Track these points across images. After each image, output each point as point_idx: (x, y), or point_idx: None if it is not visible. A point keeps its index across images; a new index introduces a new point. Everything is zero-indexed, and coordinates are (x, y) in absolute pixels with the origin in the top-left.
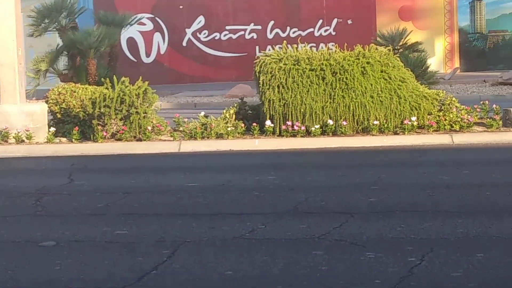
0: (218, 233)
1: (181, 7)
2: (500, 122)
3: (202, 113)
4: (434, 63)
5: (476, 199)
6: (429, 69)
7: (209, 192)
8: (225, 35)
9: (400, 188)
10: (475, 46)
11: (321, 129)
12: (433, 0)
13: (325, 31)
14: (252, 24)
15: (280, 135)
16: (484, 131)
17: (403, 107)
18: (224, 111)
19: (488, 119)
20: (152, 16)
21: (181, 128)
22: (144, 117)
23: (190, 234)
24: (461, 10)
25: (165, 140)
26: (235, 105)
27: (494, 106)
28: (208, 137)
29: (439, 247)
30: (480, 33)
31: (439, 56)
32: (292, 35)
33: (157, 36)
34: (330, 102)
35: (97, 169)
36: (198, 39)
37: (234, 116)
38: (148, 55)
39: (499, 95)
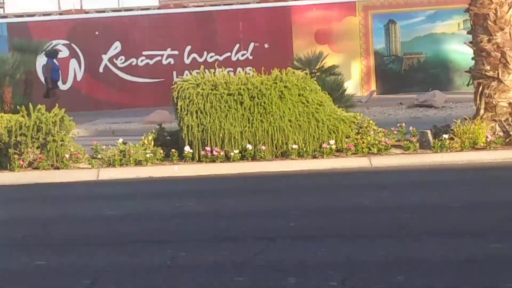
0: (138, 261)
1: (96, 33)
2: (417, 144)
3: (120, 140)
4: (351, 86)
5: (396, 221)
6: (346, 92)
7: (128, 220)
8: (142, 61)
9: (320, 212)
10: (391, 68)
11: (240, 154)
12: (348, 23)
13: (242, 55)
14: (169, 49)
15: (199, 160)
16: (402, 153)
17: (322, 131)
18: (143, 137)
19: (405, 142)
20: (68, 42)
21: (99, 156)
22: (61, 145)
23: (110, 264)
24: (376, 33)
25: (83, 168)
26: (154, 131)
27: (410, 128)
28: (127, 164)
29: (360, 270)
30: (396, 55)
31: (356, 79)
32: (209, 60)
33: (73, 63)
34: (248, 127)
35: (14, 199)
36: (115, 65)
37: (152, 142)
38: (64, 82)
39: (416, 117)
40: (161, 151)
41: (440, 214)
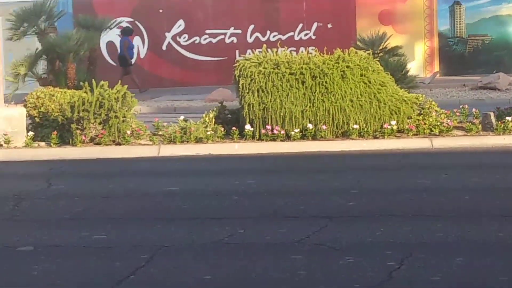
0: (196, 237)
1: (160, 10)
2: (480, 126)
3: (182, 117)
4: (414, 67)
5: (456, 203)
6: (409, 73)
7: (188, 196)
8: (205, 39)
9: (380, 192)
10: (455, 50)
11: (300, 133)
12: (413, 4)
13: (305, 35)
14: (232, 28)
15: (259, 139)
16: (464, 135)
17: (383, 111)
18: (204, 115)
19: (468, 123)
20: (132, 20)
21: (160, 132)
22: (123, 121)
23: (168, 239)
24: (441, 14)
25: (144, 145)
26: (215, 109)
27: (473, 110)
28: (187, 141)
29: (418, 251)
30: (460, 37)
31: (419, 60)
32: (272, 39)
33: (136, 40)
34: (309, 106)
35: (75, 174)
36: (178, 43)
37: (213, 120)
38: None
39: (479, 99)
40: (222, 129)
41: (501, 196)
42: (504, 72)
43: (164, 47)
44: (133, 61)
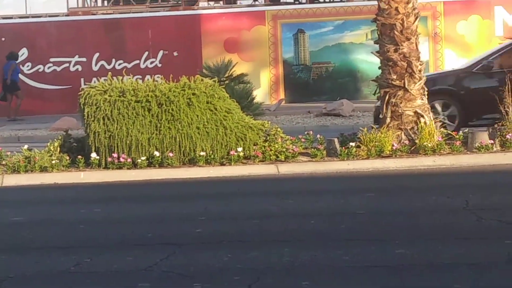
0: (43, 267)
1: (3, 39)
2: (324, 152)
3: (26, 146)
4: (260, 95)
5: (302, 227)
6: (254, 100)
7: (34, 226)
8: (49, 67)
9: (227, 218)
10: (300, 77)
11: (147, 161)
12: (257, 32)
13: (151, 63)
14: (77, 56)
15: (106, 167)
16: (309, 160)
17: (229, 138)
18: (49, 144)
19: (313, 149)
20: None
21: (3, 162)
22: None
23: (13, 269)
24: (285, 42)
25: None
26: (60, 137)
27: (318, 136)
28: (32, 171)
29: (266, 276)
30: (304, 65)
31: (265, 88)
32: (117, 67)
33: None
34: (156, 134)
35: None
36: (22, 72)
37: (58, 149)
38: None
39: (323, 125)
40: (67, 158)
41: (345, 220)
42: (347, 99)
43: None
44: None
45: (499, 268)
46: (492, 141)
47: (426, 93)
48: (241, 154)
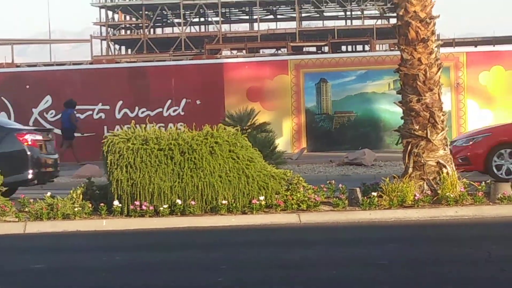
0: None
1: (27, 86)
2: (346, 202)
3: (49, 193)
4: (282, 143)
5: (325, 277)
6: (276, 149)
7: (55, 273)
8: None
9: (249, 267)
10: (322, 126)
11: (169, 209)
12: (280, 81)
13: (174, 111)
14: (100, 104)
15: (128, 215)
16: (331, 210)
17: (251, 187)
18: (71, 191)
19: (335, 199)
20: None
21: (26, 209)
22: None
23: None
24: (307, 91)
25: (9, 221)
26: (83, 185)
27: (340, 185)
28: (54, 218)
29: None
30: (326, 113)
31: (287, 136)
32: (140, 115)
33: (2, 116)
34: (178, 182)
35: None
36: (45, 119)
37: (81, 196)
38: None
39: (345, 175)
40: (90, 205)
41: (367, 270)
42: (369, 148)
43: (31, 123)
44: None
45: None
46: None
47: (448, 143)
48: (263, 203)
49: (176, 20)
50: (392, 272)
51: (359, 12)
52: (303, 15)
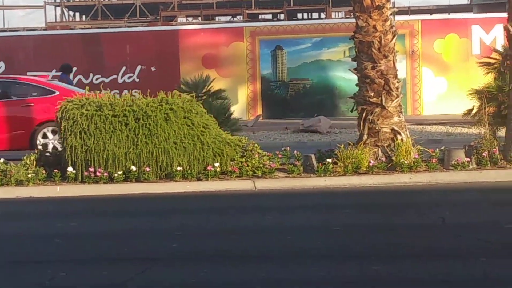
0: (17, 281)
1: None
2: (301, 168)
3: (1, 160)
4: (238, 110)
5: (279, 244)
6: (232, 116)
7: (8, 239)
8: None
9: (204, 233)
10: (277, 94)
11: (124, 175)
12: (236, 48)
13: (129, 77)
14: (54, 70)
15: (82, 181)
16: (286, 176)
17: (206, 153)
18: (25, 157)
19: (290, 165)
20: None
21: None
22: None
23: None
24: (263, 58)
25: None
26: (36, 151)
27: (295, 152)
28: (7, 184)
29: None
30: (282, 81)
31: (242, 104)
32: (95, 82)
33: None
34: (133, 148)
35: None
36: None
37: (35, 162)
38: None
39: (301, 142)
40: (44, 172)
41: (322, 236)
42: (325, 116)
43: None
44: None
45: (474, 285)
46: (468, 159)
47: (402, 110)
48: (218, 169)
49: None
50: (346, 238)
51: None
52: None
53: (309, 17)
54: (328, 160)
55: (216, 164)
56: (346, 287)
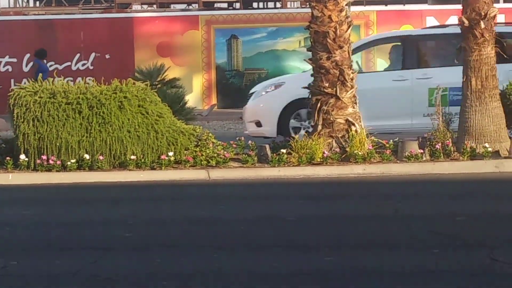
0: None
1: None
2: (256, 158)
3: None
4: (192, 100)
5: (232, 233)
6: (186, 105)
7: None
8: None
9: (157, 223)
10: (232, 83)
11: (77, 164)
12: (191, 37)
13: (83, 65)
14: (7, 56)
15: (35, 169)
16: (240, 166)
17: (161, 142)
18: None
19: (244, 155)
20: None
21: None
22: None
23: None
24: (218, 47)
25: None
26: None
27: (249, 142)
28: None
29: (194, 281)
30: (237, 70)
31: (197, 93)
32: (49, 68)
33: None
34: (86, 136)
35: None
36: None
37: None
38: None
39: None
40: None
41: (275, 226)
42: None
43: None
44: None
45: (425, 276)
46: (422, 151)
47: (357, 101)
48: (172, 158)
49: None
50: (297, 228)
51: None
52: None
53: (265, 6)
54: (282, 150)
55: (170, 153)
56: (299, 278)
